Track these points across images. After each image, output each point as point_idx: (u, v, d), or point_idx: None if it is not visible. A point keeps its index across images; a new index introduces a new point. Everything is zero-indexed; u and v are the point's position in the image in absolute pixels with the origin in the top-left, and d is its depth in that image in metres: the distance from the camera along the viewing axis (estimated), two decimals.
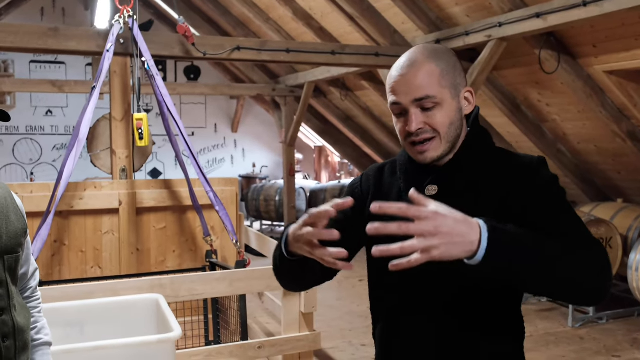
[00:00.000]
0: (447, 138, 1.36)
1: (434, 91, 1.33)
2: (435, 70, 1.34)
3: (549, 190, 1.34)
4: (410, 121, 1.34)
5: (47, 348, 1.95)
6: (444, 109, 1.35)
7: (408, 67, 1.35)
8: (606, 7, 3.99)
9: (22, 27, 4.43)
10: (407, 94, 1.34)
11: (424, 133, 1.35)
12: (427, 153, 1.36)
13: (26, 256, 1.93)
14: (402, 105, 1.35)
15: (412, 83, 1.34)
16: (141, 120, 3.91)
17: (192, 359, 3.25)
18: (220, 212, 3.92)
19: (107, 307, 2.90)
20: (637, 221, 5.67)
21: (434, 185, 1.39)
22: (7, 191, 1.87)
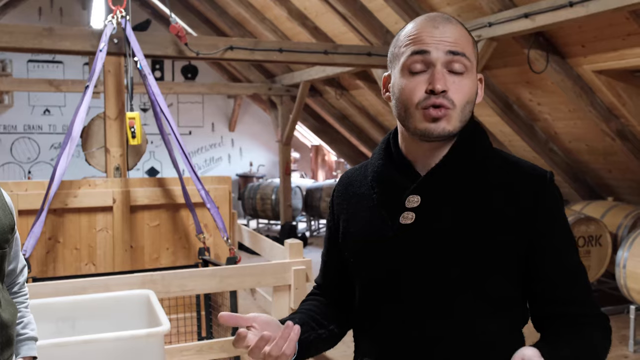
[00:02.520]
0: (461, 116, 1.15)
1: (469, 52, 1.15)
2: (469, 36, 1.18)
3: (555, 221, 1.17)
4: (437, 78, 1.12)
5: (32, 343, 1.96)
6: (469, 79, 1.15)
7: (445, 22, 1.15)
8: (591, 7, 4.05)
9: (17, 27, 4.49)
10: (441, 44, 1.13)
11: (444, 99, 1.12)
12: (441, 122, 1.13)
13: (15, 252, 1.93)
14: (431, 57, 1.13)
15: (449, 35, 1.13)
16: (134, 119, 3.97)
17: (184, 353, 3.31)
18: (211, 209, 3.97)
19: (98, 302, 2.95)
20: (626, 219, 5.74)
21: (415, 196, 1.18)
22: None
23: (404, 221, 1.18)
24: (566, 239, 1.19)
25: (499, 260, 1.15)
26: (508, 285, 1.18)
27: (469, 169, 1.18)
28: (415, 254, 1.17)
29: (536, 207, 1.16)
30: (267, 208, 10.70)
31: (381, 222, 1.21)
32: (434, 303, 1.16)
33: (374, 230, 1.22)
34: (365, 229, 1.24)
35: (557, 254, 1.17)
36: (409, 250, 1.17)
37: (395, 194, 1.20)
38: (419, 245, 1.17)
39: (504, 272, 1.16)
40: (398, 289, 1.19)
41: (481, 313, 1.15)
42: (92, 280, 3.13)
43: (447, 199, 1.16)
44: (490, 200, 1.16)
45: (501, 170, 1.19)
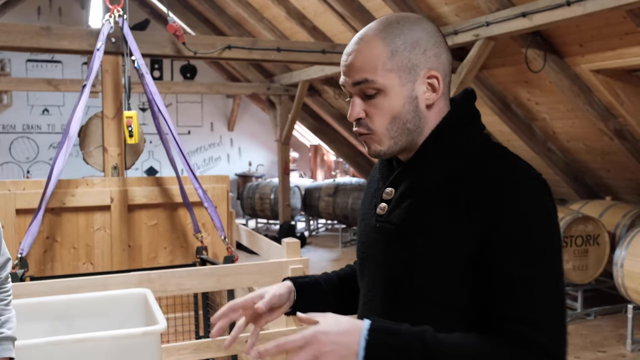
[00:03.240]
0: (389, 134, 1.15)
1: (374, 75, 1.13)
2: (383, 50, 1.13)
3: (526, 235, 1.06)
4: (350, 109, 1.18)
5: (8, 343, 1.92)
6: (388, 97, 1.14)
7: (353, 45, 1.16)
8: (589, 7, 4.06)
9: (15, 26, 4.49)
10: (348, 76, 1.17)
11: (361, 126, 1.17)
12: (370, 145, 1.19)
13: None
14: (346, 89, 1.19)
15: (353, 64, 1.15)
16: (131, 118, 3.97)
17: (181, 352, 3.30)
18: (208, 208, 3.97)
19: (95, 301, 2.95)
20: (624, 218, 5.74)
21: (390, 188, 1.22)
22: None
23: (379, 211, 1.24)
24: (523, 248, 1.06)
25: (453, 263, 1.10)
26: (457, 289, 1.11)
27: (440, 164, 1.16)
28: (381, 242, 1.23)
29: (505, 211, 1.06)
30: (266, 208, 10.70)
31: (371, 209, 1.29)
32: (388, 291, 1.20)
33: (367, 216, 1.30)
34: (364, 213, 1.33)
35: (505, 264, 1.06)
36: (378, 238, 1.23)
37: (382, 185, 1.27)
38: (384, 235, 1.21)
39: (456, 275, 1.10)
40: (370, 271, 1.27)
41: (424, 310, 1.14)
42: (89, 279, 3.13)
43: (414, 194, 1.17)
44: (458, 199, 1.10)
45: (481, 168, 1.12)
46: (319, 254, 8.98)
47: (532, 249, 1.06)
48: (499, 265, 1.06)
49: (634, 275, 4.67)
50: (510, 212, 1.06)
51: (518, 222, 1.06)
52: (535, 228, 1.06)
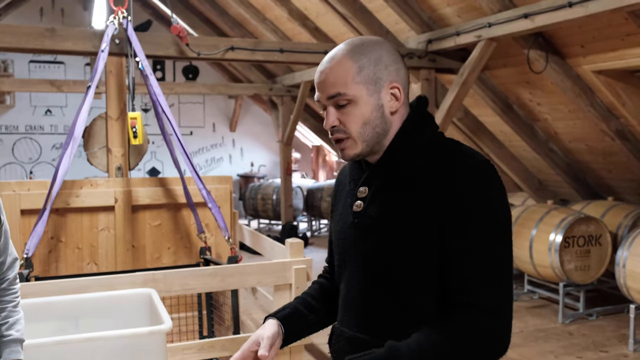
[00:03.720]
0: (362, 137, 1.33)
1: (345, 88, 1.31)
2: (351, 67, 1.32)
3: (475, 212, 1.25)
4: (325, 119, 1.36)
5: (16, 345, 1.92)
6: (359, 105, 1.32)
7: (325, 64, 1.35)
8: (591, 8, 4.07)
9: (19, 27, 4.51)
10: (323, 92, 1.35)
11: (337, 132, 1.35)
12: (345, 151, 1.36)
13: (3, 245, 1.91)
14: (321, 103, 1.37)
15: (326, 80, 1.33)
16: (135, 119, 3.99)
17: (185, 352, 3.32)
18: (212, 209, 4.00)
19: (101, 301, 2.97)
20: (626, 219, 5.76)
21: (364, 187, 1.39)
22: None
23: (355, 209, 1.40)
24: (478, 228, 1.24)
25: (422, 249, 1.28)
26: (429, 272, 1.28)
27: (404, 161, 1.34)
28: (360, 237, 1.38)
29: (456, 195, 1.25)
30: (268, 208, 10.72)
31: (347, 208, 1.44)
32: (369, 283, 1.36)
33: (344, 215, 1.46)
34: (340, 213, 1.48)
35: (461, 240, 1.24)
36: (358, 234, 1.39)
37: (355, 185, 1.43)
38: (362, 230, 1.38)
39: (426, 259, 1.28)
40: (349, 267, 1.42)
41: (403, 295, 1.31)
42: (95, 279, 3.15)
43: (385, 189, 1.35)
44: (421, 189, 1.29)
45: (437, 160, 1.31)
46: (321, 254, 9.00)
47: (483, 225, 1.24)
48: (449, 244, 1.25)
49: (636, 275, 4.69)
50: (459, 194, 1.25)
51: (470, 203, 1.24)
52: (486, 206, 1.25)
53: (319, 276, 1.68)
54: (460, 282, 1.23)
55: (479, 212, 1.24)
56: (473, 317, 1.22)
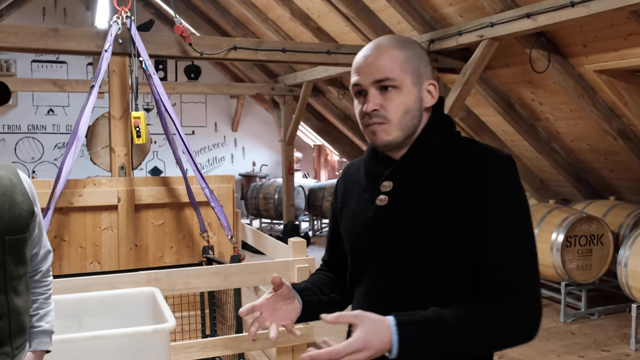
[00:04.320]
0: (400, 125, 1.35)
1: (394, 74, 1.34)
2: (399, 55, 1.35)
3: (505, 202, 1.30)
4: (367, 101, 1.35)
5: (45, 336, 1.94)
6: (403, 93, 1.35)
7: (372, 50, 1.37)
8: (593, 7, 4.08)
9: (22, 27, 4.53)
10: (368, 75, 1.35)
11: (376, 117, 1.35)
12: (379, 134, 1.36)
13: (37, 237, 1.93)
14: (362, 86, 1.36)
15: (374, 65, 1.35)
16: (139, 118, 4.01)
17: (188, 350, 3.34)
18: (215, 208, 4.01)
19: (104, 299, 2.99)
20: (628, 218, 5.76)
21: (388, 181, 1.40)
22: (13, 172, 1.87)
23: (379, 203, 1.40)
24: (508, 218, 1.29)
25: (453, 238, 1.31)
26: (461, 262, 1.32)
27: (431, 157, 1.37)
28: (386, 231, 1.38)
29: (485, 185, 1.30)
30: (269, 208, 10.74)
31: (365, 203, 1.44)
32: (397, 275, 1.37)
33: (360, 211, 1.45)
34: (354, 209, 1.48)
35: (496, 230, 1.29)
36: (382, 228, 1.39)
37: (375, 180, 1.43)
38: (389, 223, 1.38)
39: (458, 249, 1.31)
40: (372, 261, 1.41)
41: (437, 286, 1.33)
42: (98, 278, 3.17)
43: (413, 184, 1.37)
44: (449, 183, 1.33)
45: (461, 156, 1.36)
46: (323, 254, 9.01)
47: (512, 216, 1.30)
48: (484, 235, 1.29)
49: (638, 274, 4.69)
50: (492, 187, 1.30)
51: (499, 194, 1.30)
52: (513, 197, 1.31)
53: (317, 271, 1.68)
54: (501, 268, 1.28)
55: (511, 203, 1.30)
56: (519, 300, 1.26)
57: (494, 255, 1.29)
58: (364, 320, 1.19)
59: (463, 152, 1.37)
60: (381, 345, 1.18)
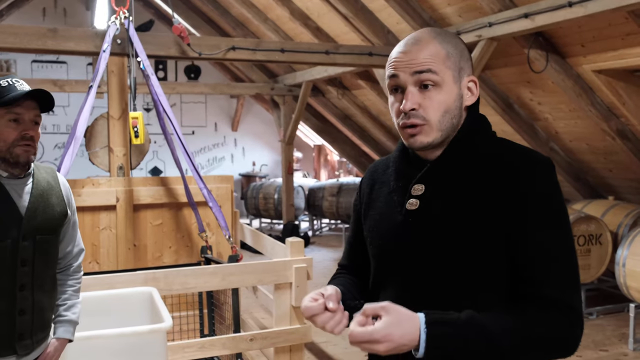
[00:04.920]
0: (440, 126, 1.26)
1: (436, 67, 1.25)
2: (441, 50, 1.26)
3: (547, 207, 1.22)
4: (405, 98, 1.26)
5: (70, 326, 2.05)
6: (443, 91, 1.26)
7: (413, 44, 1.27)
8: (590, 7, 4.08)
9: (21, 28, 4.54)
10: (408, 68, 1.26)
11: (415, 117, 1.26)
12: (418, 137, 1.27)
13: (71, 236, 2.07)
14: (400, 80, 1.27)
15: (415, 58, 1.25)
16: (137, 118, 4.01)
17: (186, 350, 3.34)
18: (213, 208, 4.02)
19: (102, 299, 2.99)
20: (627, 218, 5.76)
21: (420, 185, 1.31)
22: (53, 175, 2.02)
23: (409, 207, 1.31)
24: (555, 227, 1.22)
25: (490, 246, 1.23)
26: (497, 270, 1.24)
27: (467, 160, 1.29)
28: (417, 236, 1.30)
29: (526, 190, 1.22)
30: (269, 207, 10.74)
31: (394, 206, 1.36)
32: (427, 282, 1.28)
33: (388, 214, 1.37)
34: (382, 211, 1.39)
35: (538, 237, 1.21)
36: (412, 232, 1.30)
37: (405, 182, 1.34)
38: (420, 229, 1.29)
39: (494, 256, 1.24)
40: (400, 266, 1.33)
41: (469, 295, 1.24)
42: (96, 278, 3.17)
43: (447, 188, 1.28)
44: (486, 187, 1.25)
45: (499, 158, 1.27)
46: (323, 254, 9.02)
47: (554, 220, 1.22)
48: (525, 241, 1.21)
49: (636, 274, 4.70)
50: (532, 190, 1.22)
51: (540, 198, 1.22)
52: (554, 201, 1.23)
53: (338, 274, 1.55)
54: (545, 281, 1.20)
55: (551, 208, 1.23)
56: (563, 315, 1.18)
57: (539, 266, 1.20)
58: (390, 312, 1.12)
59: (501, 154, 1.28)
60: (403, 341, 1.11)
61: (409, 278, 1.31)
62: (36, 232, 1.88)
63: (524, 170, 1.24)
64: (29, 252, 1.87)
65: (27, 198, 1.89)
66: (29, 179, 1.94)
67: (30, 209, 1.88)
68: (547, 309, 1.18)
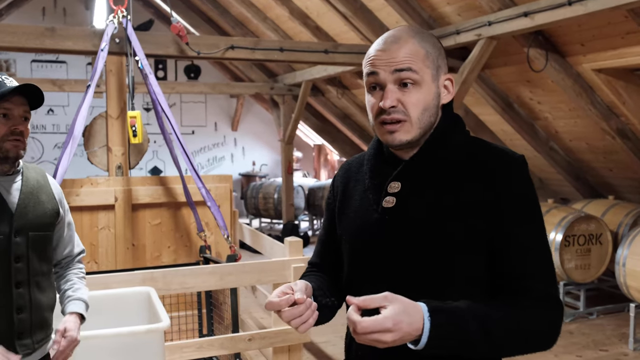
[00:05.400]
0: (419, 124, 1.28)
1: (416, 66, 1.26)
2: (420, 49, 1.28)
3: (523, 204, 1.26)
4: (385, 97, 1.26)
5: (81, 302, 2.03)
6: (422, 89, 1.27)
7: (392, 43, 1.28)
8: (590, 6, 4.07)
9: (19, 27, 4.53)
10: (387, 66, 1.26)
11: (396, 113, 1.26)
12: (397, 134, 1.28)
13: (69, 237, 2.10)
14: (380, 78, 1.28)
15: (395, 56, 1.26)
16: (135, 117, 4.00)
17: (184, 350, 3.33)
18: (211, 207, 4.01)
19: (100, 299, 2.98)
20: (627, 217, 5.75)
21: (397, 182, 1.32)
22: (42, 175, 2.02)
23: (385, 205, 1.32)
24: (530, 221, 1.26)
25: (467, 242, 1.25)
26: (476, 265, 1.26)
27: (443, 157, 1.31)
28: (394, 235, 1.30)
29: (502, 188, 1.25)
30: (269, 207, 10.73)
31: (369, 204, 1.36)
32: (405, 279, 1.28)
33: (363, 211, 1.37)
34: (357, 209, 1.39)
35: (517, 233, 1.24)
36: (389, 230, 1.31)
37: (381, 180, 1.35)
38: (397, 226, 1.30)
39: (472, 252, 1.26)
40: (379, 267, 1.32)
41: (448, 291, 1.24)
42: (94, 278, 3.16)
43: (423, 185, 1.30)
44: (462, 184, 1.27)
45: (475, 157, 1.30)
46: None
47: (530, 216, 1.26)
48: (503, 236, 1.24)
49: (636, 274, 4.68)
50: (508, 189, 1.25)
51: (517, 194, 1.26)
52: (529, 198, 1.27)
53: (308, 272, 1.54)
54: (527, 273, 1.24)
55: (527, 204, 1.26)
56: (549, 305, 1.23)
57: (518, 261, 1.24)
58: (394, 301, 1.12)
59: (476, 153, 1.31)
60: (410, 330, 1.10)
61: (385, 275, 1.31)
62: (28, 228, 1.89)
63: (500, 170, 1.26)
64: (23, 249, 1.88)
65: (17, 195, 1.90)
66: (18, 176, 1.95)
67: (21, 205, 1.89)
68: (535, 300, 1.22)
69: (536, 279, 1.24)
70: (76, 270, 2.13)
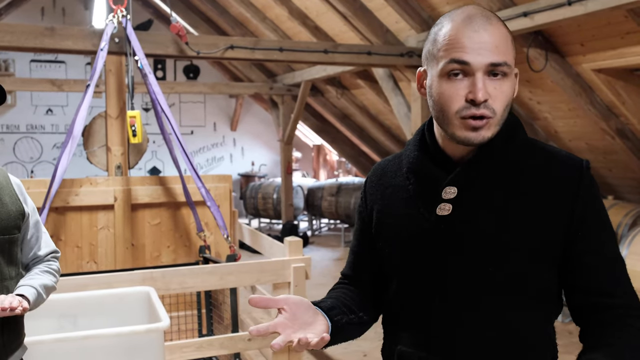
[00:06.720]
0: (500, 121, 1.13)
1: (509, 58, 1.11)
2: (508, 35, 1.12)
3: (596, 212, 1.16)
4: (478, 87, 1.09)
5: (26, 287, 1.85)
6: (508, 82, 1.13)
7: (482, 23, 1.09)
8: (590, 6, 4.07)
9: (18, 26, 4.52)
10: (482, 55, 1.08)
11: (486, 109, 1.10)
12: (482, 131, 1.11)
13: (35, 238, 1.98)
14: (470, 67, 1.09)
15: (491, 42, 1.08)
16: (134, 117, 4.00)
17: (184, 350, 3.33)
18: (211, 207, 4.00)
19: (99, 299, 2.98)
20: (626, 217, 5.75)
21: (452, 187, 1.17)
22: (4, 175, 1.92)
23: (440, 212, 1.18)
24: (604, 228, 1.17)
25: (537, 252, 1.15)
26: (545, 278, 1.17)
27: (505, 161, 1.17)
28: (452, 245, 1.18)
29: (573, 196, 1.14)
30: (268, 207, 10.73)
31: (418, 213, 1.22)
32: (469, 295, 1.16)
33: (411, 222, 1.23)
34: (402, 220, 1.25)
35: (595, 243, 1.15)
36: (446, 241, 1.18)
37: (431, 185, 1.20)
38: (456, 236, 1.17)
39: (542, 263, 1.16)
40: (435, 279, 1.20)
41: (517, 306, 1.16)
42: (94, 278, 3.16)
43: (484, 191, 1.16)
44: (528, 190, 1.15)
45: (537, 161, 1.18)
46: (322, 254, 9.01)
47: (606, 226, 1.17)
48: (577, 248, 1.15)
49: (636, 274, 4.69)
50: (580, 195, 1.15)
51: (589, 202, 1.15)
52: (601, 204, 1.18)
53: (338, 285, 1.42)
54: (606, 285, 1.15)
55: (598, 214, 1.17)
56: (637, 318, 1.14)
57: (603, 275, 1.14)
58: None
59: (539, 156, 1.19)
60: None
61: (445, 288, 1.18)
62: None
63: (569, 177, 1.15)
64: None
65: None
66: None
67: None
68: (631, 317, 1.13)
69: (620, 293, 1.15)
70: (41, 265, 1.99)
